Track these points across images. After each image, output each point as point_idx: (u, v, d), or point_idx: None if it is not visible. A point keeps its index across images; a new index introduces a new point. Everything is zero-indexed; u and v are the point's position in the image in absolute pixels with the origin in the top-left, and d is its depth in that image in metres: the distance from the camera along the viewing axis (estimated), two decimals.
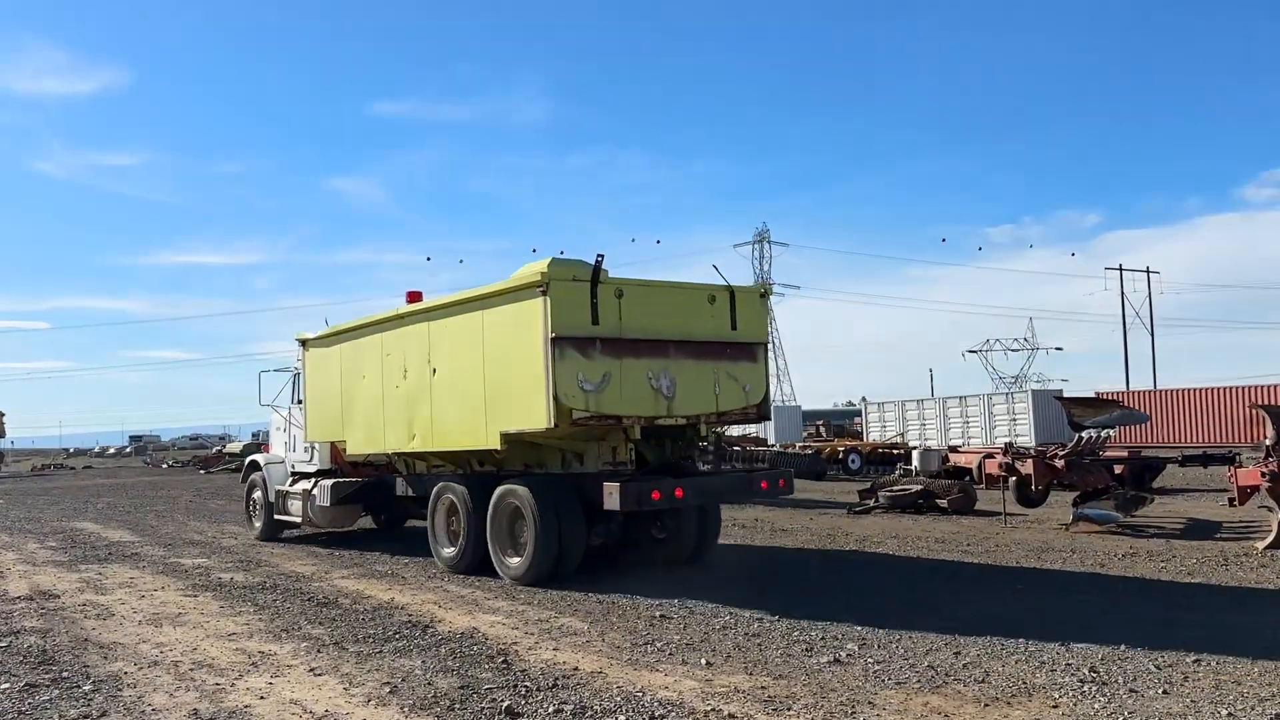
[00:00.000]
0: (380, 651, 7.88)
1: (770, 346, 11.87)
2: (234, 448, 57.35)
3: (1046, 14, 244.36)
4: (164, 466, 64.29)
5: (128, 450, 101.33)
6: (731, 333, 11.43)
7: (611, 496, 10.25)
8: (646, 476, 10.96)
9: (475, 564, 11.79)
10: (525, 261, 11.91)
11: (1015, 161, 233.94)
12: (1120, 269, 68.04)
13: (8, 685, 7.12)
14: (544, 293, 10.17)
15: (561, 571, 10.99)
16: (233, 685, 7.01)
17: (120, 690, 6.95)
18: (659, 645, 7.87)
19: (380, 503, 15.67)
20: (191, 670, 7.45)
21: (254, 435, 66.46)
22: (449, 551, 12.30)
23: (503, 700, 6.42)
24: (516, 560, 11.22)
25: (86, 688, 7.03)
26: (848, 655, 7.42)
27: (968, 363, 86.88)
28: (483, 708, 6.29)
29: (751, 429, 51.70)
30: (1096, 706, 6.04)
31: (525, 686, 6.74)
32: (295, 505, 15.82)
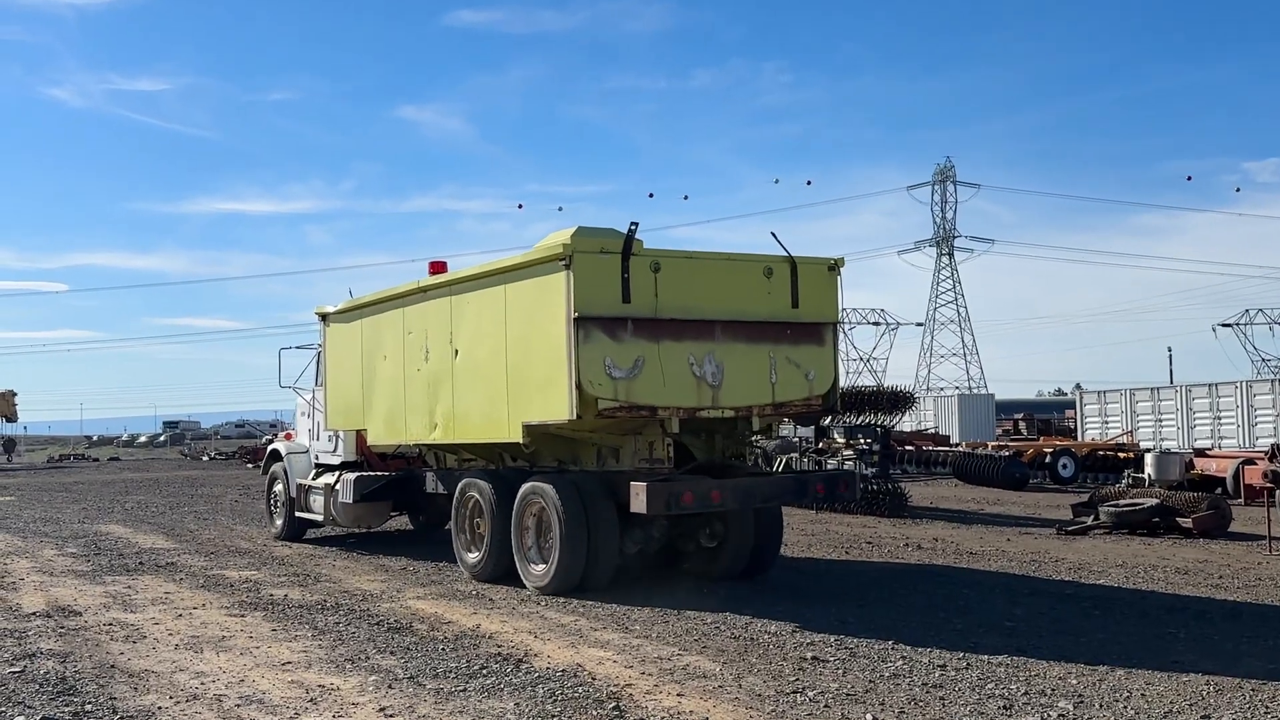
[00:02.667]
0: (464, 690, 8.04)
1: (839, 326, 12.67)
2: None
3: None
4: (205, 459, 67.17)
5: (161, 439, 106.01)
6: (793, 311, 12.20)
7: (638, 498, 11.09)
8: (681, 477, 11.80)
9: (501, 571, 12.77)
10: (638, 209, 12.46)
11: None
12: None
13: (22, 719, 7.50)
14: (567, 266, 11.01)
15: (590, 583, 11.80)
16: None
17: None
18: (811, 695, 7.82)
19: (413, 500, 16.57)
20: (237, 706, 7.72)
21: None
22: (473, 556, 13.34)
23: None
24: (540, 568, 12.17)
25: None
26: (1059, 716, 7.26)
27: (1220, 340, 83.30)
28: None
29: (929, 424, 51.21)
30: None
31: None
32: (318, 501, 16.69)
